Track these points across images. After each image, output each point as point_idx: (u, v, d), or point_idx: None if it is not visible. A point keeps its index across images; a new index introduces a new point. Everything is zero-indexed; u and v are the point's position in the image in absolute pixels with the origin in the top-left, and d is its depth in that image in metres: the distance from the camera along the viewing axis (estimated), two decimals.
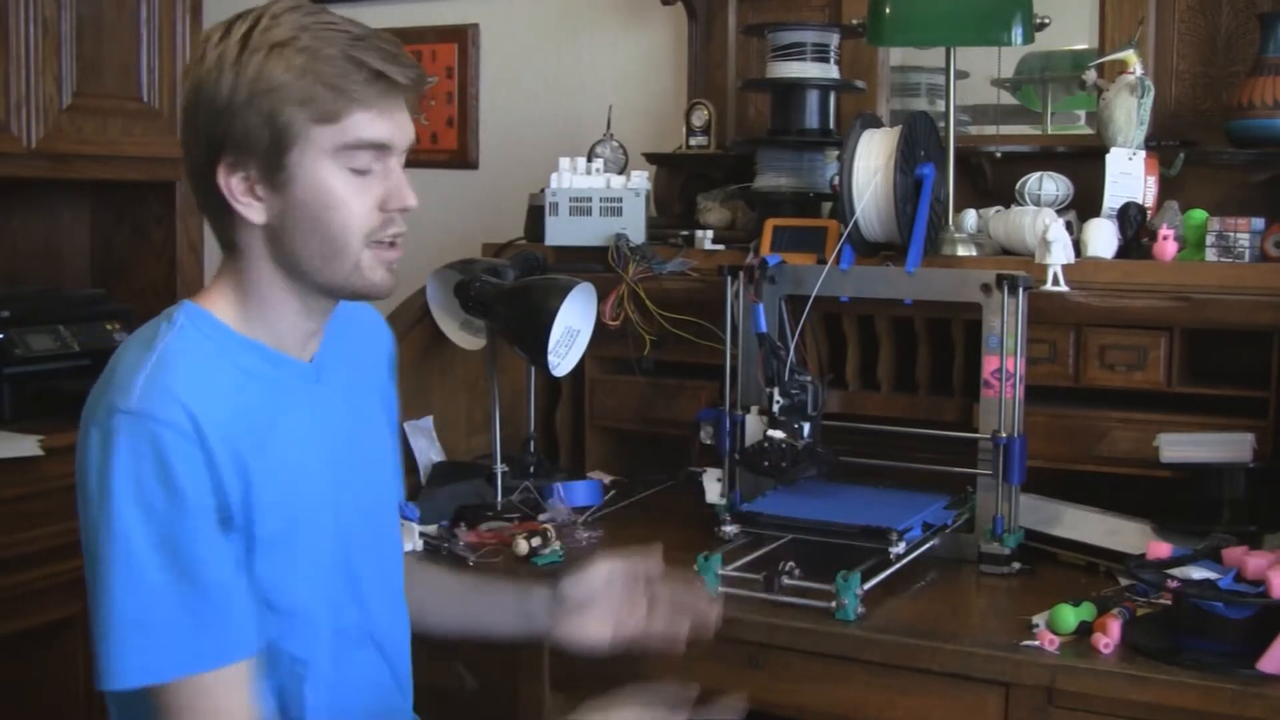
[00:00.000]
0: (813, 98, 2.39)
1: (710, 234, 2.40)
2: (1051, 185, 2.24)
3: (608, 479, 2.41)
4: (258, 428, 1.36)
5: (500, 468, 2.29)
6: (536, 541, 2.00)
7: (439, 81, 3.11)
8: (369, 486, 1.53)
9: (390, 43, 1.37)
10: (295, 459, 1.40)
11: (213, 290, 1.43)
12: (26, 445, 2.44)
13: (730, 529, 2.01)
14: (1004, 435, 1.94)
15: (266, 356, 1.41)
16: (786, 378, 2.02)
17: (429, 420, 2.46)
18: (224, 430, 1.31)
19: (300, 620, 1.40)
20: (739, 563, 1.86)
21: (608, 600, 1.64)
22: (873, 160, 2.12)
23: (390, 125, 1.36)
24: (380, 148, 1.36)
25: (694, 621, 1.64)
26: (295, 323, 1.43)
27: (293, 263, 1.38)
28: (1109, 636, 1.61)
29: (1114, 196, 2.15)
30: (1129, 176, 2.16)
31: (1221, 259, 2.03)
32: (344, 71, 1.32)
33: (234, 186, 1.35)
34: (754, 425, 2.09)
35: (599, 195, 2.40)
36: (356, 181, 1.36)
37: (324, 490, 1.45)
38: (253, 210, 1.36)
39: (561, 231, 2.41)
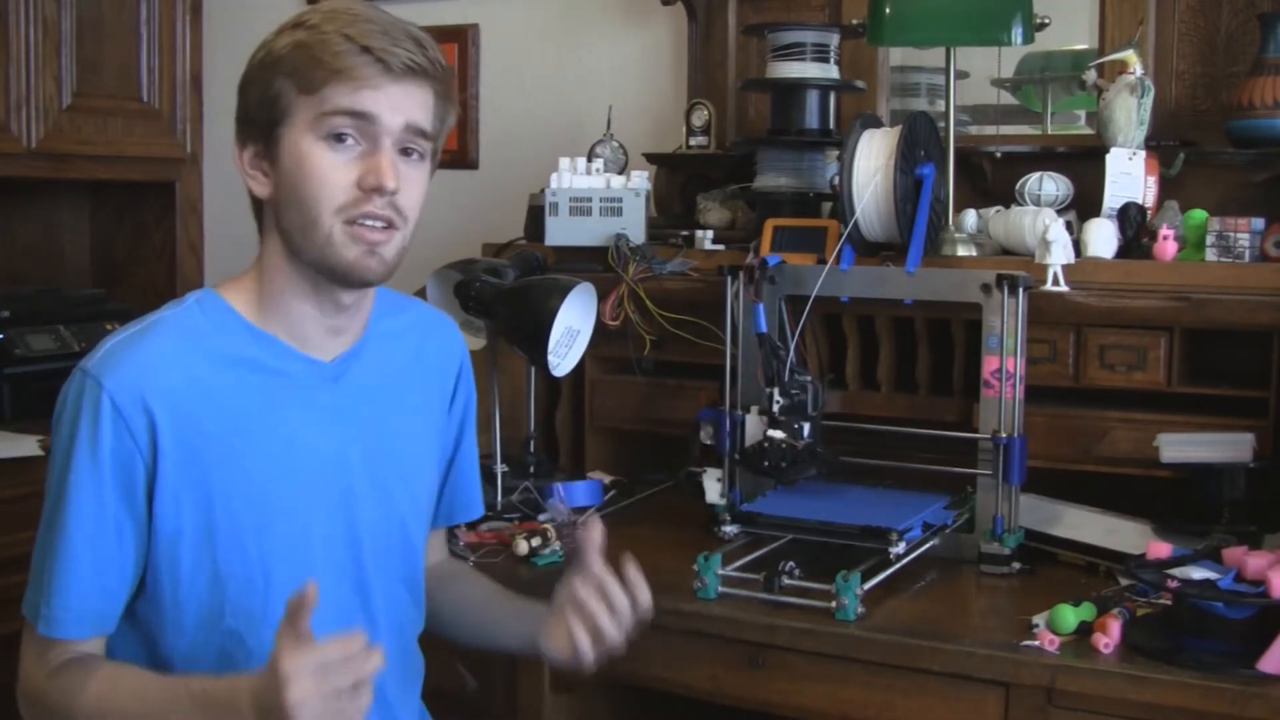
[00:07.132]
0: (813, 98, 2.39)
1: (710, 234, 2.40)
2: (1051, 185, 2.24)
3: (608, 479, 2.40)
4: (238, 415, 1.38)
5: (500, 468, 2.29)
6: (536, 541, 2.00)
7: None
8: (391, 496, 1.51)
9: (399, 29, 1.37)
10: (291, 456, 1.40)
11: (238, 278, 1.47)
12: (26, 445, 2.44)
13: (730, 529, 2.01)
14: (1004, 435, 1.94)
15: (275, 349, 1.42)
16: (786, 378, 2.02)
17: None
18: (177, 409, 1.34)
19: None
20: (739, 563, 1.86)
21: (564, 610, 1.49)
22: (873, 160, 2.12)
23: (376, 99, 1.35)
24: (359, 117, 1.35)
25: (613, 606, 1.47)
26: (313, 316, 1.43)
27: (287, 239, 1.40)
28: (1109, 636, 1.61)
29: (1114, 196, 2.15)
30: (1129, 176, 2.16)
31: (1221, 259, 2.03)
32: (331, 45, 1.34)
33: (246, 160, 1.41)
34: (754, 425, 2.08)
35: (599, 195, 2.39)
36: (334, 154, 1.36)
37: (333, 493, 1.44)
38: (257, 183, 1.41)
39: (561, 231, 2.41)
